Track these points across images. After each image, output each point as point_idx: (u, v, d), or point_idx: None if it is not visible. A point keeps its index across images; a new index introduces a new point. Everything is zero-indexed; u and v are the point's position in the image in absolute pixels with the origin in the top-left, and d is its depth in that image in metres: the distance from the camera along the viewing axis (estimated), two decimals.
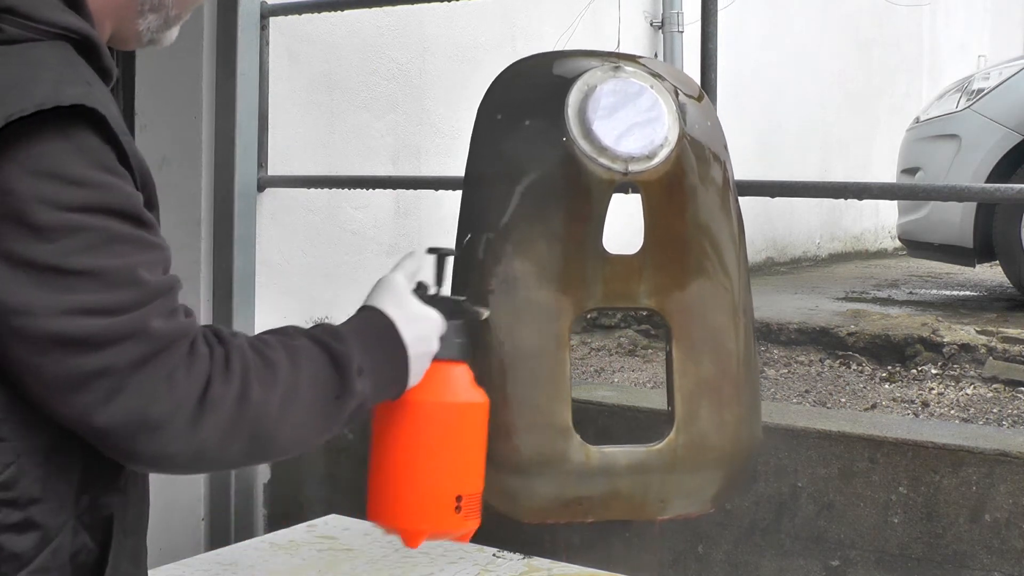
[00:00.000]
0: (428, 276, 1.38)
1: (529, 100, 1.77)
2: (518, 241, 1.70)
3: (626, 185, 1.73)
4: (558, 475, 1.74)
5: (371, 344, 1.23)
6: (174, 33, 1.31)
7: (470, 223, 1.73)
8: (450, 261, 1.41)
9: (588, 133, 1.68)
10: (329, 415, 1.18)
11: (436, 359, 1.32)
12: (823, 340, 3.89)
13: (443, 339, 1.33)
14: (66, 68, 1.08)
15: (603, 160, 1.68)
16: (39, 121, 1.00)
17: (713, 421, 1.80)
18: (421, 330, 1.29)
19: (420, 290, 1.34)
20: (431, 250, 1.41)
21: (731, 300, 1.81)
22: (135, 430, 1.03)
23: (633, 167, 1.70)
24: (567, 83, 1.72)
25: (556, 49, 1.99)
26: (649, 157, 1.71)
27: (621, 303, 1.81)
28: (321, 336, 1.19)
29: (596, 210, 1.72)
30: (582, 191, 1.71)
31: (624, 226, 1.94)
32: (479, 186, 1.75)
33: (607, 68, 1.74)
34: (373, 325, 1.26)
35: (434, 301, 1.33)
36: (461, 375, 1.36)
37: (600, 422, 2.31)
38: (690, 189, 1.78)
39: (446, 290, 1.38)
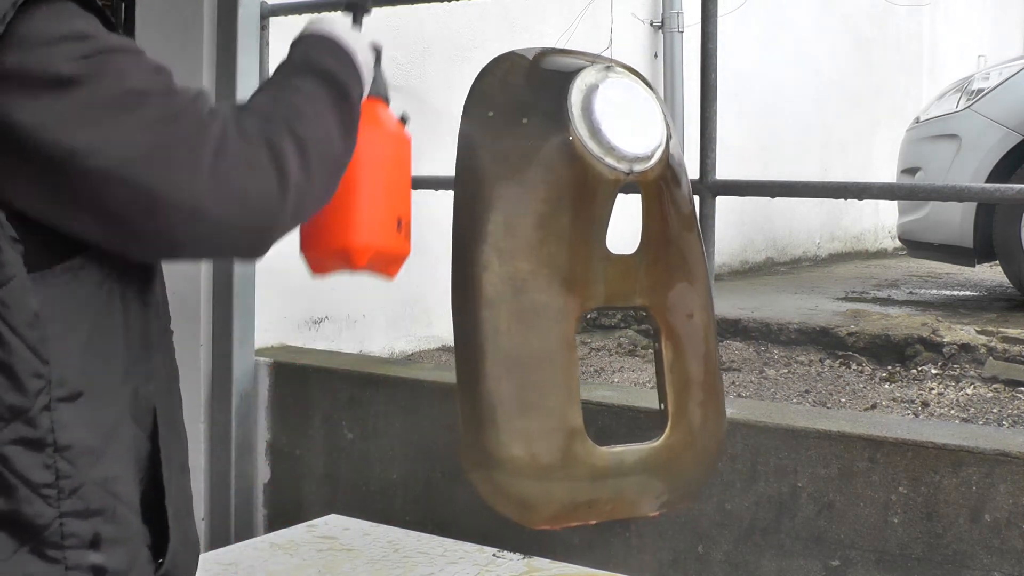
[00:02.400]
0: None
1: (523, 98, 1.74)
2: (525, 243, 1.68)
3: (628, 185, 1.73)
4: (572, 478, 1.73)
5: (326, 51, 1.28)
6: None
7: (470, 225, 1.71)
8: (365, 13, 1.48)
9: (596, 133, 1.67)
10: (342, 115, 1.23)
11: (368, 95, 1.39)
12: (823, 340, 3.90)
13: (374, 78, 1.40)
14: None
15: (609, 160, 1.68)
16: (34, 4, 1.04)
17: (699, 416, 1.83)
18: (356, 43, 1.33)
19: None
20: (348, 5, 1.47)
21: (704, 296, 1.85)
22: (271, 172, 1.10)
23: (636, 167, 1.70)
24: (563, 81, 1.71)
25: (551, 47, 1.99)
26: (649, 157, 1.71)
27: (620, 302, 1.82)
28: (296, 61, 1.26)
29: (601, 210, 1.72)
30: (588, 191, 1.70)
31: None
32: (477, 187, 1.72)
33: (599, 68, 1.73)
34: (318, 38, 1.31)
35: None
36: (387, 111, 1.46)
37: (600, 422, 2.31)
38: (672, 188, 1.80)
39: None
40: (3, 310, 1.03)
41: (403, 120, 1.48)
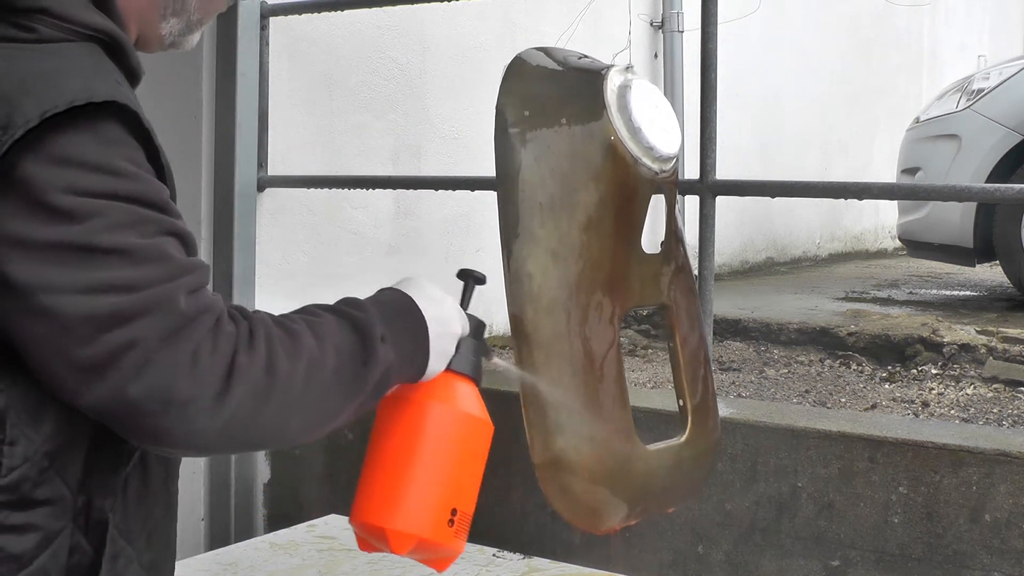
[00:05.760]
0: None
1: (557, 97, 1.72)
2: (575, 245, 1.66)
3: (659, 186, 1.73)
4: (631, 480, 1.72)
5: (391, 315, 1.24)
6: (196, 38, 1.34)
7: (520, 229, 1.65)
8: (478, 288, 1.40)
9: (636, 133, 1.65)
10: (356, 382, 1.19)
11: (450, 369, 1.31)
12: (823, 340, 3.90)
13: (459, 352, 1.32)
14: (98, 67, 1.11)
15: (646, 160, 1.66)
16: (70, 117, 1.03)
17: (708, 409, 1.84)
18: (440, 311, 1.29)
19: None
20: (461, 273, 1.40)
21: (695, 292, 1.87)
22: (164, 406, 1.03)
23: (665, 167, 1.70)
24: (594, 81, 1.69)
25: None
26: (675, 157, 1.71)
27: (649, 302, 1.82)
28: (341, 307, 1.21)
29: (640, 211, 1.71)
30: (629, 192, 1.68)
31: None
32: (524, 189, 1.67)
33: (620, 68, 1.72)
34: (392, 299, 1.27)
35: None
36: (472, 391, 1.34)
37: None
38: (677, 189, 1.83)
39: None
40: None
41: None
